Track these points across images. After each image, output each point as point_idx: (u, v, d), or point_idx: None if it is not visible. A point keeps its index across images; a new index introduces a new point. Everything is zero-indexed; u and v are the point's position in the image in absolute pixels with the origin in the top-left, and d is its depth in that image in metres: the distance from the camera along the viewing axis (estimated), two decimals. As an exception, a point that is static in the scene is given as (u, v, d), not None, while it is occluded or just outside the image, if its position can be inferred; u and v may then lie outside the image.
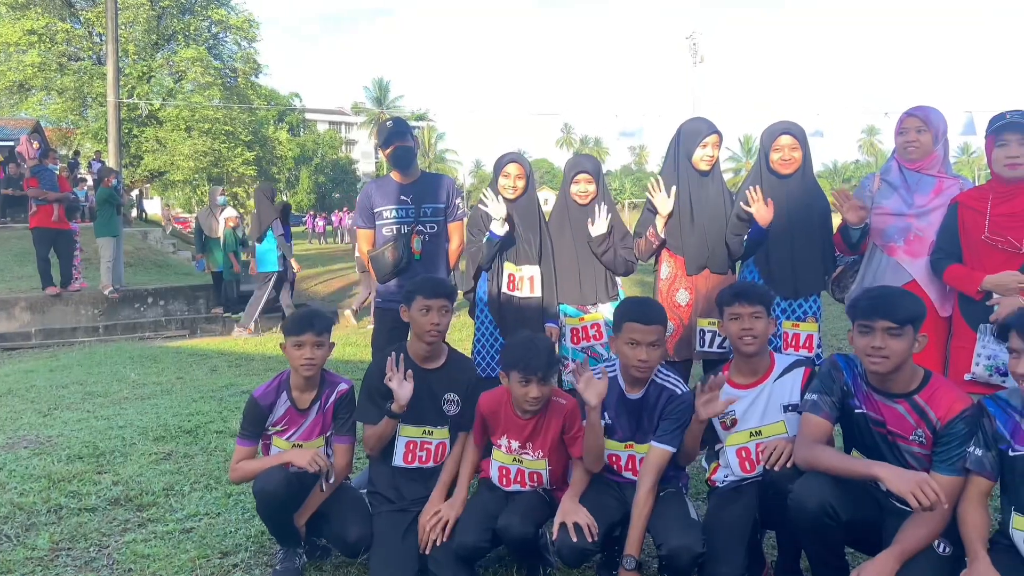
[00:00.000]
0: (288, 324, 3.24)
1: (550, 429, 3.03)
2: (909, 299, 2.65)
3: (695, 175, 3.85)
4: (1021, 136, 3.13)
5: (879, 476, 2.38)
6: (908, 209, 3.47)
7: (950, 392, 2.56)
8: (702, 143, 3.80)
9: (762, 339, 2.92)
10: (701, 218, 3.85)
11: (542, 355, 2.90)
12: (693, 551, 2.68)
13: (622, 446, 3.05)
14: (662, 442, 2.92)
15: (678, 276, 3.90)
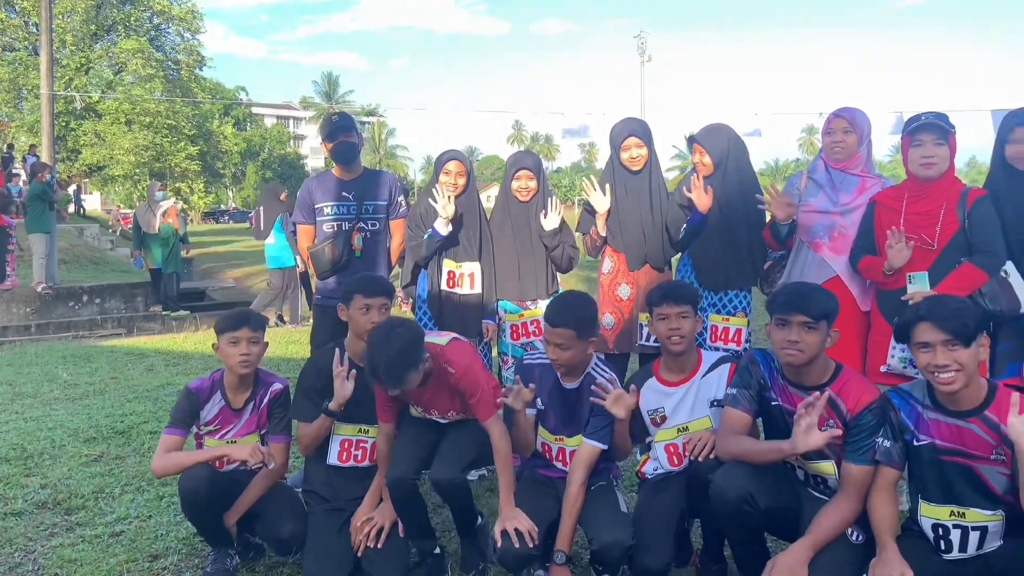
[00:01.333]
0: (222, 321, 3.19)
1: (443, 397, 3.06)
2: (824, 295, 2.74)
3: (628, 174, 3.92)
4: (936, 136, 3.26)
5: (783, 449, 2.56)
6: (833, 207, 3.59)
7: (859, 384, 2.66)
8: (623, 145, 3.88)
9: (689, 338, 2.99)
10: (638, 215, 3.91)
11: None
12: (623, 544, 2.74)
13: (553, 438, 3.10)
14: (592, 438, 2.97)
15: (620, 271, 3.99)
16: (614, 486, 3.09)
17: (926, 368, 2.40)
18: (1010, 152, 3.26)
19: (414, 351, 2.81)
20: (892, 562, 2.35)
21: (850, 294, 3.49)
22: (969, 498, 2.40)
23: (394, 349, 2.76)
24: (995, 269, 3.16)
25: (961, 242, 3.22)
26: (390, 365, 2.75)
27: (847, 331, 3.42)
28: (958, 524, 2.40)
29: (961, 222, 3.23)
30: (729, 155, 3.80)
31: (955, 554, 2.41)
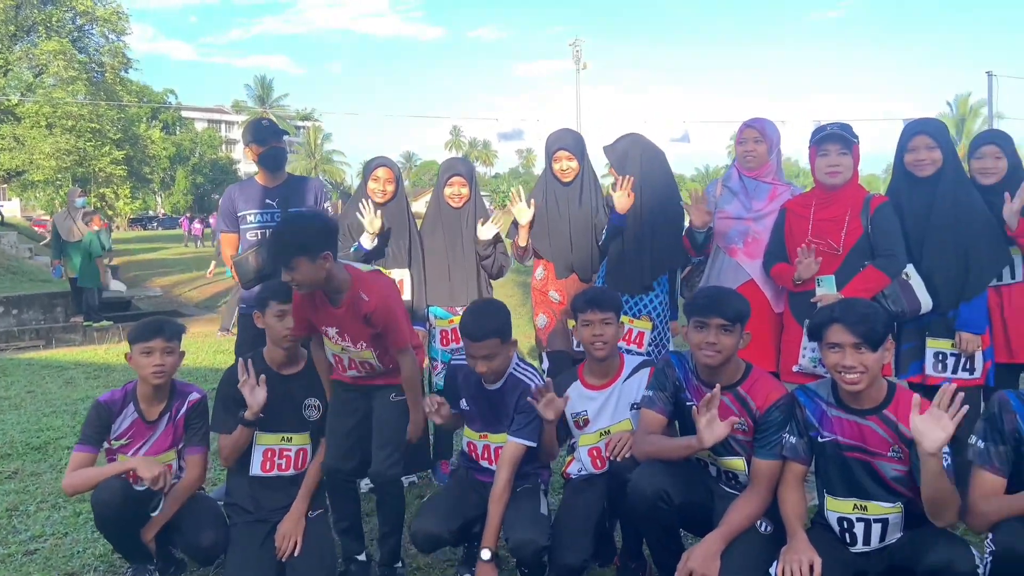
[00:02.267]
0: (136, 331, 3.12)
1: (357, 324, 2.94)
2: (738, 299, 2.85)
3: (559, 185, 3.99)
4: (840, 146, 3.43)
5: (692, 445, 2.68)
6: (747, 213, 3.73)
7: (767, 383, 2.78)
8: (555, 156, 3.96)
9: (612, 344, 3.07)
10: (567, 225, 3.96)
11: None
12: (536, 544, 2.79)
13: (477, 436, 3.16)
14: (518, 436, 3.01)
15: (549, 279, 4.06)
16: (539, 490, 3.14)
17: (834, 368, 2.51)
18: (909, 160, 3.44)
19: (316, 239, 2.74)
20: (801, 549, 2.45)
21: (764, 297, 3.63)
22: (870, 492, 2.52)
23: (297, 227, 2.77)
24: (897, 272, 3.33)
25: (865, 247, 3.39)
26: (281, 236, 2.76)
27: (761, 332, 3.57)
28: (861, 517, 2.52)
29: (865, 227, 3.40)
30: (641, 165, 3.89)
31: (860, 547, 2.53)
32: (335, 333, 2.99)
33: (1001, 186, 3.38)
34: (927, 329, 3.39)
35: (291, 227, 2.79)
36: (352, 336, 2.97)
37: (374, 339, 2.98)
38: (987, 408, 2.42)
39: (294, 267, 2.74)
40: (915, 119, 3.57)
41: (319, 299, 2.96)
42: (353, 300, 2.91)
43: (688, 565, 2.54)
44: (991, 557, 2.28)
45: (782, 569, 2.42)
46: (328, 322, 2.99)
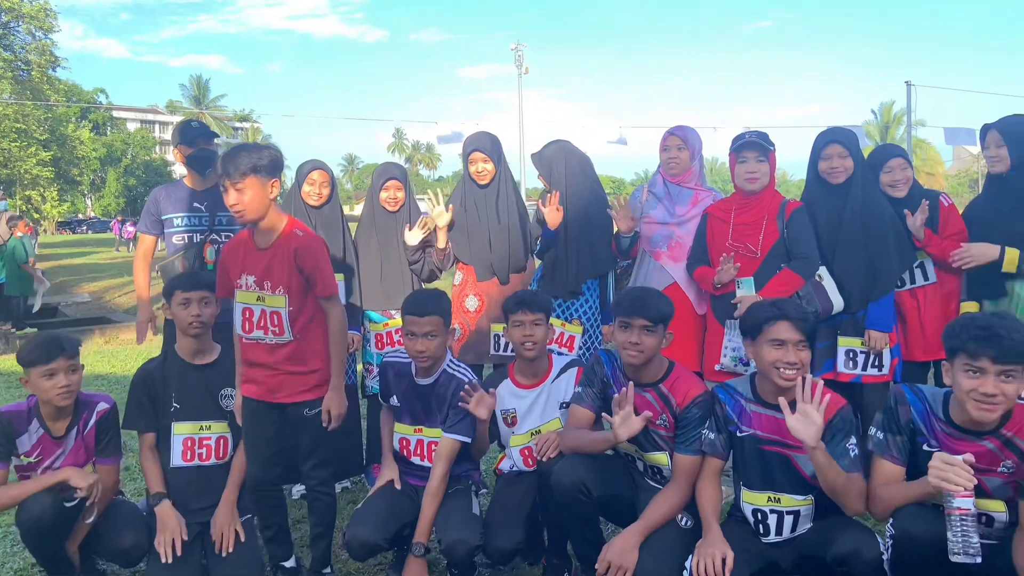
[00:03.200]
0: (31, 353, 2.92)
1: (283, 268, 2.90)
2: (662, 300, 2.96)
3: (476, 187, 4.03)
4: (757, 154, 3.57)
5: (609, 439, 2.77)
6: (671, 218, 3.85)
7: (688, 380, 2.89)
8: (471, 159, 4.00)
9: (541, 344, 3.15)
10: (485, 228, 3.99)
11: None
12: (469, 544, 2.85)
13: (412, 430, 3.18)
14: (452, 432, 3.06)
15: (468, 282, 4.05)
16: (471, 491, 3.19)
17: (773, 364, 2.60)
18: (823, 167, 3.61)
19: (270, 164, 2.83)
20: (715, 543, 2.56)
21: (687, 299, 3.76)
22: (784, 485, 2.64)
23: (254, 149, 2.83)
24: (810, 274, 3.48)
25: (781, 250, 3.53)
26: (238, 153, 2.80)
27: (685, 333, 3.70)
28: (775, 509, 2.64)
29: (781, 232, 3.55)
30: (567, 173, 3.98)
31: (772, 537, 2.65)
32: (253, 282, 2.92)
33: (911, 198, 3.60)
34: (839, 328, 3.55)
35: (248, 148, 2.83)
36: (273, 281, 2.90)
37: (295, 288, 2.91)
38: (885, 401, 2.57)
39: (244, 188, 2.77)
40: (827, 128, 3.74)
41: (246, 245, 2.96)
42: (287, 236, 2.92)
43: (607, 557, 2.63)
44: (892, 541, 2.41)
45: (696, 563, 2.52)
46: (250, 268, 2.93)
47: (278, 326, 2.93)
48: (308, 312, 2.97)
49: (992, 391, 2.23)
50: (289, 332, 2.93)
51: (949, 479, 2.19)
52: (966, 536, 2.15)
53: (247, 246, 2.97)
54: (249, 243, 2.97)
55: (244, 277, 2.95)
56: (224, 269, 3.03)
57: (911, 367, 3.65)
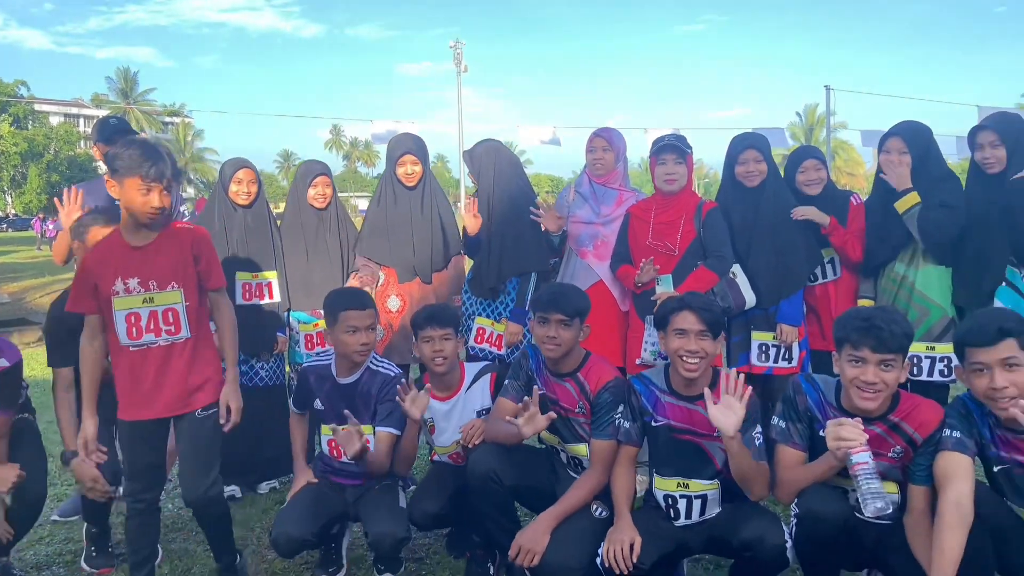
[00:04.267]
0: None
1: (170, 262, 2.80)
2: (577, 295, 3.06)
3: (402, 188, 4.06)
4: (676, 156, 3.71)
5: (517, 434, 2.83)
6: (596, 218, 3.97)
7: (601, 367, 3.00)
8: (399, 161, 4.03)
9: (452, 358, 3.20)
10: (408, 230, 4.01)
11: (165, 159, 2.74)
12: (395, 536, 2.92)
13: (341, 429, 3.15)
14: (385, 425, 3.09)
15: (390, 283, 4.06)
16: (397, 486, 3.23)
17: (676, 352, 2.73)
18: (739, 171, 3.77)
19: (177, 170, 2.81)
20: (624, 529, 2.68)
21: (612, 296, 3.88)
22: (693, 471, 2.77)
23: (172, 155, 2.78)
24: (725, 271, 3.64)
25: (698, 248, 3.68)
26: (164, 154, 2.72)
27: (609, 329, 3.83)
28: (684, 494, 2.77)
29: (697, 231, 3.69)
30: (495, 173, 4.04)
31: (683, 520, 2.78)
32: (136, 284, 2.75)
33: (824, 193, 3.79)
34: (752, 323, 3.73)
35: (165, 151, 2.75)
36: (160, 278, 2.77)
37: (189, 282, 2.83)
38: (785, 391, 2.72)
39: (171, 188, 2.74)
40: (742, 133, 3.90)
41: (117, 248, 2.77)
42: (178, 230, 2.85)
43: (518, 541, 2.72)
44: (796, 521, 2.56)
45: (606, 550, 2.63)
46: (129, 271, 2.75)
47: (174, 323, 2.81)
48: (200, 307, 2.91)
49: (872, 379, 2.39)
50: (187, 328, 2.83)
51: (843, 436, 2.35)
52: (872, 488, 2.29)
53: (119, 249, 2.78)
54: (120, 245, 2.79)
55: (122, 282, 2.76)
56: (89, 281, 2.78)
57: (824, 357, 3.81)
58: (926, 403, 2.53)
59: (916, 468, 2.45)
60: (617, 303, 3.90)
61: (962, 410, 2.44)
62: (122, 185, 2.68)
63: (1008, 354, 2.27)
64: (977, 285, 3.39)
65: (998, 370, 2.27)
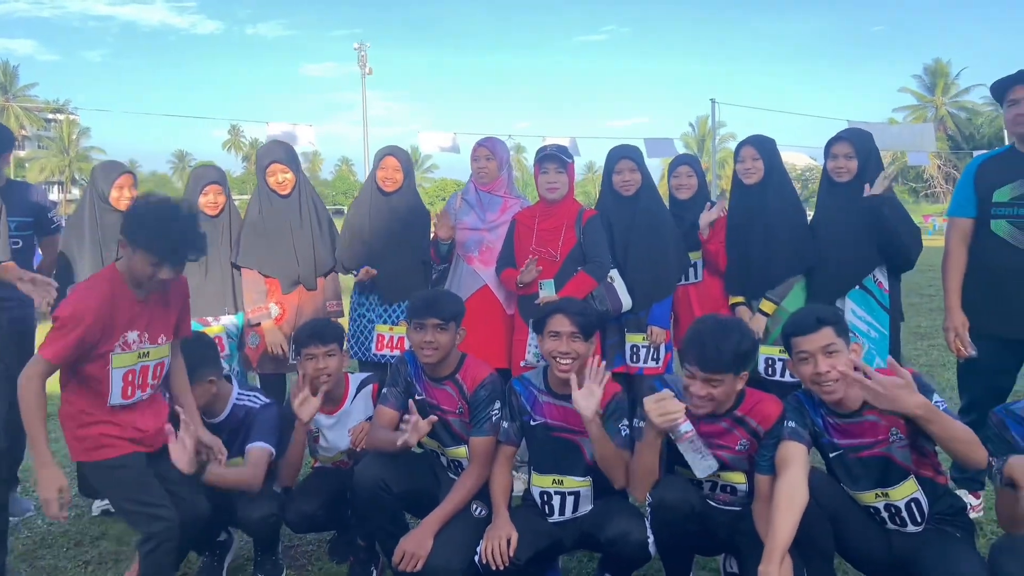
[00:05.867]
0: None
1: (163, 314, 2.70)
2: (452, 300, 3.13)
3: (277, 197, 3.99)
4: (557, 165, 3.85)
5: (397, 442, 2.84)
6: (482, 224, 4.09)
7: (476, 367, 3.08)
8: (268, 170, 3.98)
9: (336, 374, 3.19)
10: (288, 238, 3.95)
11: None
12: (264, 512, 2.96)
13: None
14: (256, 441, 3.02)
15: (270, 290, 3.97)
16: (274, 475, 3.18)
17: (550, 353, 2.85)
18: (615, 181, 3.95)
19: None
20: (501, 526, 2.79)
21: (497, 300, 4.00)
22: (568, 467, 2.90)
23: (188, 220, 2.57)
24: (603, 276, 3.80)
25: (578, 254, 3.83)
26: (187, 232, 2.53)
27: (495, 332, 3.96)
28: (558, 491, 2.89)
29: (578, 237, 3.84)
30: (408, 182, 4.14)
31: (557, 516, 2.90)
32: (136, 337, 2.58)
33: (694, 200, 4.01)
34: (626, 326, 3.91)
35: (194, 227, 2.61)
36: (153, 332, 2.64)
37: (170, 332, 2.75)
38: (643, 391, 2.86)
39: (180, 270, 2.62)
40: (617, 146, 4.08)
41: (124, 297, 2.57)
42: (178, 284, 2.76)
43: (402, 546, 2.77)
44: (650, 509, 2.71)
45: (484, 547, 2.73)
46: (132, 324, 2.58)
47: (158, 377, 2.72)
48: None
49: (701, 392, 2.58)
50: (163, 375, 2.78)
51: (665, 410, 2.54)
52: (699, 452, 2.54)
53: (126, 298, 2.57)
54: (127, 294, 2.58)
55: (125, 336, 2.57)
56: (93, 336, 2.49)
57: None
58: (768, 398, 2.73)
59: (760, 459, 2.65)
60: (502, 307, 4.02)
61: (795, 403, 2.66)
62: (133, 253, 2.50)
63: (827, 341, 2.48)
64: (833, 290, 3.67)
65: (820, 356, 2.48)
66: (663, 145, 11.64)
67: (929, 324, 8.50)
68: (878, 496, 2.58)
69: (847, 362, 2.45)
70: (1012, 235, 3.24)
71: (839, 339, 2.50)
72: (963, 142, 50.50)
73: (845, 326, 2.61)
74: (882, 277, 3.64)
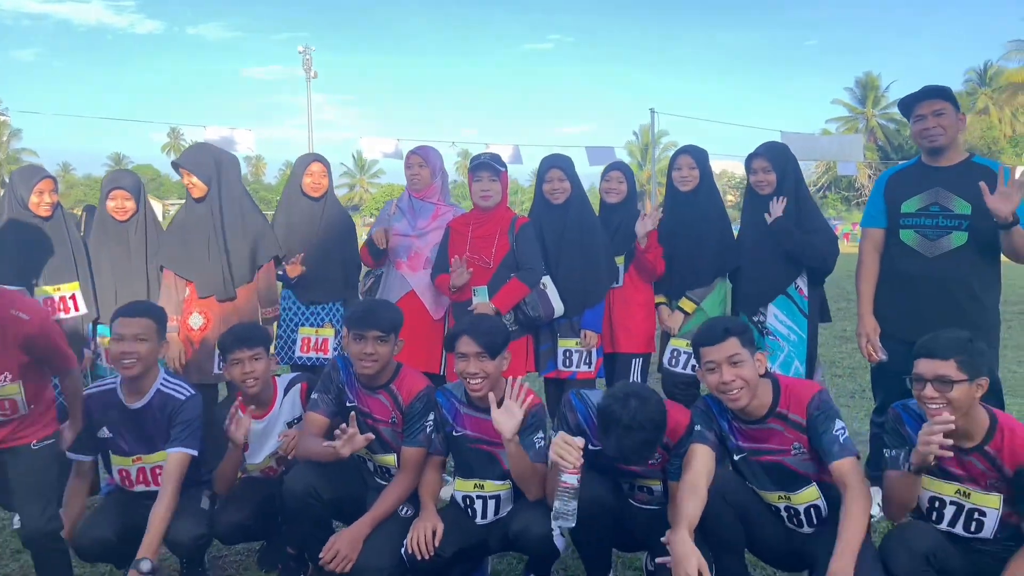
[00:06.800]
0: None
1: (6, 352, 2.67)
2: (391, 310, 3.16)
3: (192, 202, 3.92)
4: (490, 174, 3.91)
5: (332, 452, 2.84)
6: (412, 231, 4.13)
7: (412, 378, 3.10)
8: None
9: (263, 378, 3.16)
10: (204, 242, 3.85)
11: None
12: (192, 533, 2.88)
13: (129, 460, 3.05)
14: (181, 446, 2.94)
15: (192, 299, 3.89)
16: (202, 491, 3.13)
17: (460, 374, 2.89)
18: (545, 189, 4.03)
19: None
20: (427, 518, 2.86)
21: (423, 305, 4.04)
22: (488, 474, 2.96)
23: None
24: (535, 283, 3.86)
25: (511, 261, 3.89)
26: None
27: (423, 337, 4.00)
28: (480, 495, 2.95)
29: (511, 244, 3.90)
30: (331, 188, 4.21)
31: (480, 519, 2.96)
32: None
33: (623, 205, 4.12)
34: (558, 332, 3.97)
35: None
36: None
37: (23, 369, 2.72)
38: (561, 407, 2.96)
39: None
40: (548, 156, 4.16)
41: None
42: (6, 322, 2.63)
43: (335, 544, 2.78)
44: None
45: (410, 537, 2.78)
46: None
47: (10, 408, 2.76)
48: (40, 383, 2.86)
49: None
50: (24, 407, 2.78)
51: (563, 456, 2.57)
52: (565, 504, 2.54)
53: None
54: None
55: None
56: None
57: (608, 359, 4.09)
58: (678, 409, 2.84)
59: (671, 467, 2.77)
60: (429, 312, 4.06)
61: (703, 407, 2.78)
62: None
63: (733, 352, 2.58)
64: (757, 299, 3.86)
65: (725, 367, 2.57)
66: (604, 153, 11.85)
67: (854, 328, 8.75)
68: (781, 498, 2.72)
69: (752, 371, 2.57)
70: (919, 243, 3.41)
71: (744, 349, 2.59)
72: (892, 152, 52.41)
73: (751, 336, 2.71)
74: (803, 284, 3.84)
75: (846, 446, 2.55)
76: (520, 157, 12.49)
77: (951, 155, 3.41)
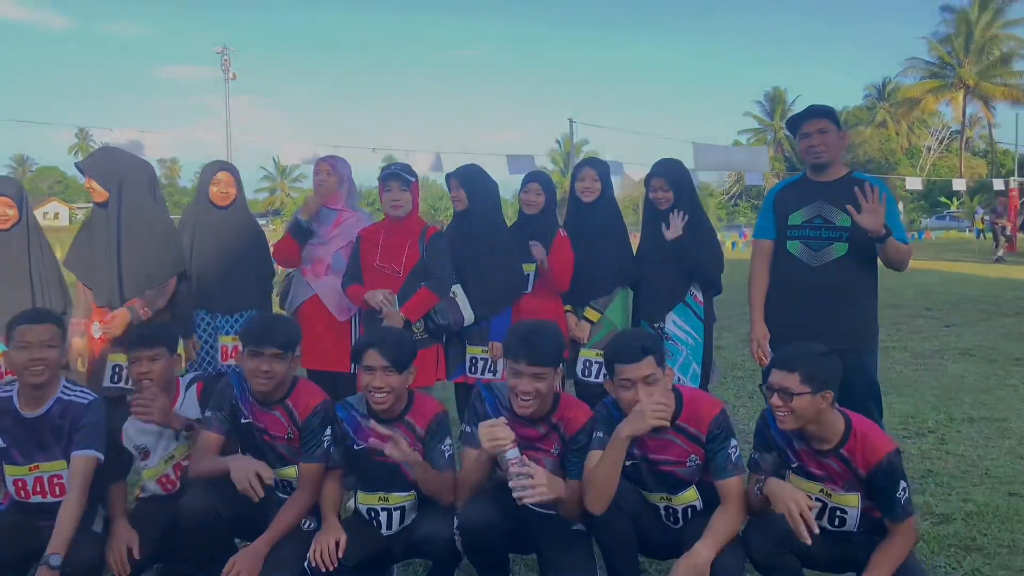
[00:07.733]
0: None
1: None
2: (289, 326, 3.16)
3: (96, 207, 3.82)
4: (400, 184, 3.93)
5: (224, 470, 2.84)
6: (315, 239, 4.16)
7: (309, 391, 3.09)
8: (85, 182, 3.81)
9: (160, 379, 3.12)
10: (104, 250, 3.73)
11: None
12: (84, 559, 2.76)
13: (26, 470, 2.93)
14: (86, 449, 2.85)
15: (93, 309, 3.76)
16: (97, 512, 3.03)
17: (366, 388, 2.87)
18: (452, 197, 4.13)
19: None
20: (330, 530, 2.86)
21: (326, 309, 4.08)
22: (392, 486, 2.97)
23: None
24: (445, 292, 3.91)
25: (421, 270, 3.92)
26: None
27: (333, 338, 4.04)
28: (384, 507, 2.98)
29: (422, 253, 3.94)
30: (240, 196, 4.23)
31: (385, 530, 2.99)
32: None
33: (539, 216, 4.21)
34: (467, 338, 4.04)
35: None
36: None
37: None
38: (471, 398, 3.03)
39: None
40: (457, 168, 4.25)
41: None
42: None
43: (236, 564, 2.76)
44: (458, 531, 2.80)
45: (313, 550, 2.78)
46: None
47: None
48: None
49: (528, 388, 2.74)
50: None
51: (496, 437, 2.64)
52: (522, 480, 2.59)
53: None
54: None
55: None
56: None
57: None
58: (578, 405, 2.94)
59: (568, 464, 2.85)
60: (334, 315, 4.08)
61: (605, 412, 2.85)
62: None
63: (649, 371, 2.68)
64: (656, 309, 4.07)
65: (640, 385, 2.68)
66: (524, 162, 12.06)
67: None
68: (662, 499, 2.87)
69: (665, 389, 2.70)
70: (804, 254, 3.62)
71: (659, 368, 2.71)
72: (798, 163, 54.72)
73: (663, 353, 2.82)
74: (698, 292, 4.09)
75: (738, 464, 2.73)
76: (441, 164, 12.52)
77: (833, 171, 3.63)
